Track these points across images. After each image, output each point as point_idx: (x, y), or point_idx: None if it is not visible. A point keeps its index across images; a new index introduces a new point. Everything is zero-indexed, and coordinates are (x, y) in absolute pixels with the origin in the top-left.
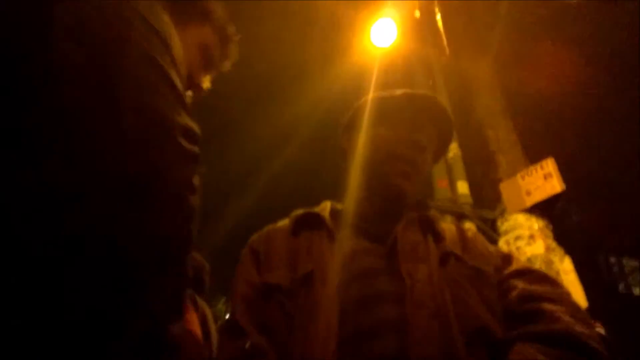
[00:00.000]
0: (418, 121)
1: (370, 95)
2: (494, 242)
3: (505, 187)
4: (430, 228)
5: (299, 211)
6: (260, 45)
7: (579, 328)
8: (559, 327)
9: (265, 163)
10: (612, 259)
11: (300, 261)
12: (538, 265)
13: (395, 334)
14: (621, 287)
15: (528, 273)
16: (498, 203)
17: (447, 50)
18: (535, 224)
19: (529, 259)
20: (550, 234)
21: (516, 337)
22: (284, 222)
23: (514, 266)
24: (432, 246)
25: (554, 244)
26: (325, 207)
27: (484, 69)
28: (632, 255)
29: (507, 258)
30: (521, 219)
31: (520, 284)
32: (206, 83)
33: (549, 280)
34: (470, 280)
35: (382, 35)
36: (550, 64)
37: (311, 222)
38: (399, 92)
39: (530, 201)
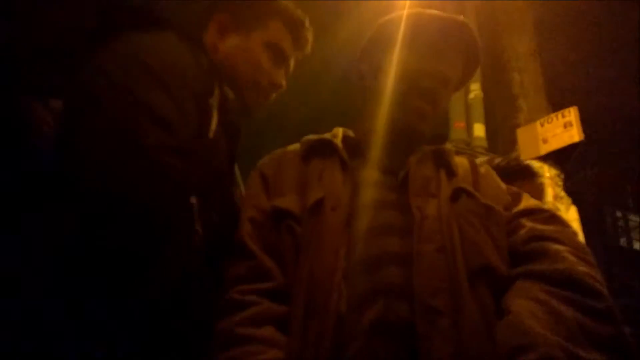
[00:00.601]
0: (446, 49)
1: (396, 14)
2: None
3: (522, 133)
4: (443, 162)
5: (311, 137)
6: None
7: (582, 268)
8: (562, 267)
9: (282, 117)
10: (619, 214)
11: (311, 188)
12: None
13: (401, 265)
14: (623, 240)
15: (537, 212)
16: (513, 148)
17: None
18: (547, 172)
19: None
20: (560, 182)
21: (519, 275)
22: (294, 147)
23: (524, 204)
24: (444, 181)
25: (562, 193)
26: (337, 134)
27: (517, 5)
28: (638, 212)
29: (517, 195)
30: (534, 166)
31: (528, 223)
32: (280, 79)
33: (557, 220)
34: (480, 218)
35: None
36: (586, 13)
37: (323, 149)
38: (427, 13)
39: (545, 149)
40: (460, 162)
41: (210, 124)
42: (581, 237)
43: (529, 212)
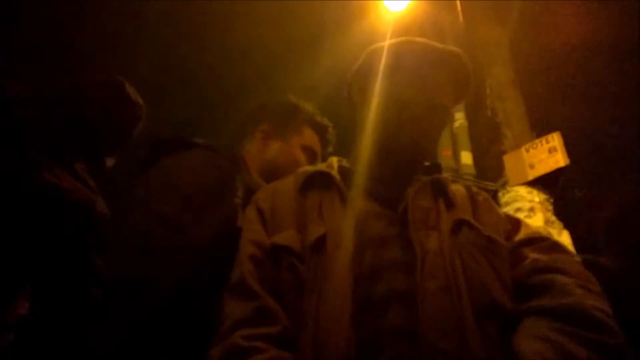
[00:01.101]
0: (439, 78)
1: (387, 42)
2: None
3: (508, 159)
4: (441, 193)
5: (306, 168)
6: (272, 13)
7: (589, 301)
8: (570, 301)
9: None
10: None
11: (310, 223)
12: None
13: (406, 305)
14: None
15: (538, 241)
16: (500, 175)
17: (461, 17)
18: (537, 197)
19: None
20: (550, 207)
21: (526, 311)
22: (288, 179)
23: (524, 232)
24: (443, 212)
25: (553, 218)
26: (332, 165)
27: (497, 38)
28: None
29: (516, 223)
30: (522, 191)
31: (530, 254)
32: None
33: (559, 249)
34: (483, 251)
35: (395, 1)
36: (569, 35)
37: (320, 181)
38: (418, 41)
39: (532, 174)
40: (458, 190)
41: (237, 218)
42: None
43: (530, 242)
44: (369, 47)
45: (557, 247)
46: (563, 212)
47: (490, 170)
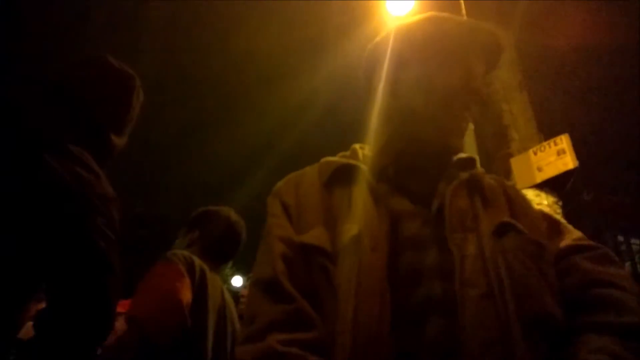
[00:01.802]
0: (473, 59)
1: (411, 20)
2: None
3: (516, 162)
4: (478, 190)
5: (332, 160)
6: (275, 19)
7: None
8: (633, 320)
9: (280, 137)
10: (620, 238)
11: (340, 220)
12: None
13: (446, 315)
14: (627, 265)
15: (588, 249)
16: (508, 178)
17: None
18: (545, 200)
19: None
20: (559, 210)
21: (586, 327)
22: (312, 170)
23: (570, 238)
24: (481, 213)
25: (562, 221)
26: (356, 155)
27: (503, 42)
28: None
29: (555, 224)
30: (531, 194)
31: (582, 264)
32: None
33: (612, 260)
34: (531, 257)
35: (399, 5)
36: (573, 36)
37: (347, 174)
38: (444, 18)
39: (541, 177)
40: (491, 186)
41: None
42: None
43: (580, 249)
44: (389, 26)
45: (609, 257)
46: (572, 216)
47: (498, 174)
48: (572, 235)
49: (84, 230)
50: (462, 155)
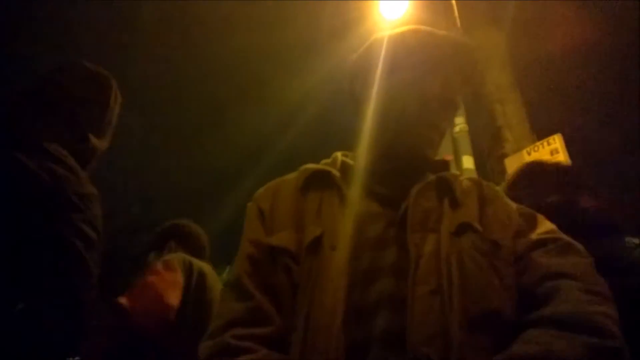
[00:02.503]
0: (450, 72)
1: (389, 32)
2: None
3: (510, 162)
4: (447, 192)
5: (309, 166)
6: (268, 21)
7: (592, 306)
8: (570, 308)
9: (274, 140)
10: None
11: (308, 223)
12: None
13: (396, 310)
14: None
15: (551, 242)
16: (503, 178)
17: (459, 22)
18: None
19: None
20: None
21: (528, 323)
22: (293, 176)
23: (538, 232)
24: (447, 213)
25: (538, 215)
26: (336, 161)
27: (495, 42)
28: (634, 235)
29: (531, 219)
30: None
31: (540, 259)
32: None
33: (572, 249)
34: (487, 255)
35: (392, 9)
36: (564, 37)
37: (321, 180)
38: (421, 30)
39: None
40: (467, 187)
41: None
42: None
43: (542, 243)
44: (371, 37)
45: (568, 248)
46: None
47: (493, 174)
48: (542, 228)
49: (57, 229)
50: (437, 159)
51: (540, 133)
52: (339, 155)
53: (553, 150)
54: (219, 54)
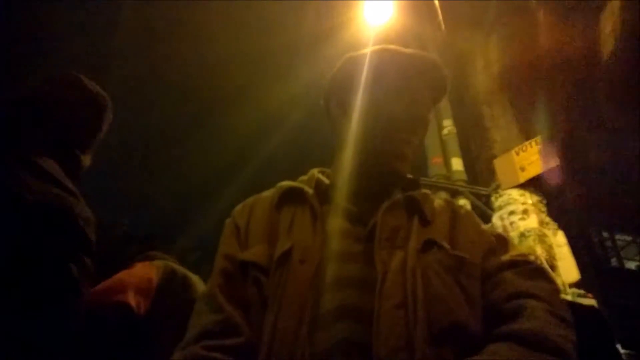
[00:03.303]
0: (421, 90)
1: (362, 52)
2: (488, 217)
3: (499, 163)
4: (416, 210)
5: (284, 184)
6: (251, 26)
7: (554, 328)
8: (533, 326)
9: (258, 144)
10: (605, 234)
11: (280, 238)
12: (532, 239)
13: (361, 322)
14: (613, 261)
15: (521, 264)
16: (492, 179)
17: (443, 27)
18: (529, 199)
19: (522, 234)
20: (544, 208)
21: (493, 337)
22: (269, 193)
23: (510, 254)
24: (415, 231)
25: (547, 219)
26: (311, 180)
27: (480, 43)
28: (624, 231)
29: (503, 242)
30: (515, 194)
31: (510, 277)
32: None
33: (541, 274)
34: (452, 271)
35: (376, 13)
36: (547, 38)
37: (295, 197)
38: (397, 50)
39: (524, 177)
40: (439, 206)
41: None
42: (572, 262)
43: (514, 265)
44: (344, 56)
45: (539, 272)
46: (557, 213)
47: (482, 175)
48: (514, 252)
49: (61, 256)
50: (407, 177)
51: (529, 133)
52: (315, 172)
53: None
54: (201, 59)
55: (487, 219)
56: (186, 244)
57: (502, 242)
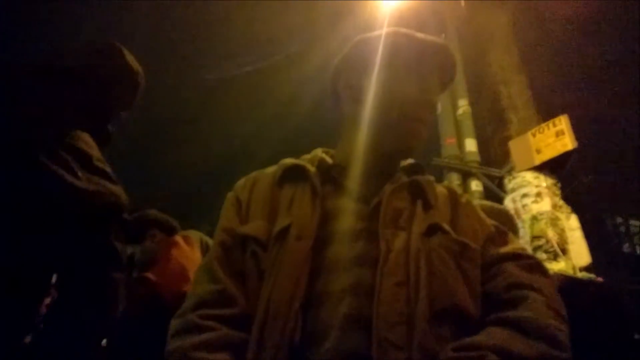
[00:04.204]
0: (429, 75)
1: (374, 33)
2: (500, 200)
3: (514, 145)
4: (420, 195)
5: (287, 161)
6: (267, 7)
7: (552, 320)
8: (531, 315)
9: (272, 127)
10: (619, 219)
11: (280, 215)
12: (544, 222)
13: (361, 297)
14: (626, 246)
15: (522, 258)
16: (506, 161)
17: (463, 3)
18: (544, 182)
19: (534, 217)
20: (558, 192)
21: (491, 321)
22: (272, 170)
23: (510, 247)
24: (419, 214)
25: (561, 202)
26: (314, 158)
27: (500, 22)
28: (638, 217)
29: (503, 234)
30: (529, 176)
31: (511, 269)
32: None
33: (540, 269)
34: (454, 255)
35: None
36: (570, 16)
37: (297, 174)
38: (406, 33)
39: (539, 159)
40: (441, 192)
41: None
42: (584, 246)
43: (515, 257)
44: (354, 39)
45: (539, 267)
46: (571, 197)
47: (496, 157)
48: (514, 245)
49: (106, 232)
50: (411, 161)
51: (546, 115)
52: (319, 151)
53: (559, 131)
54: (216, 41)
55: (499, 201)
56: (198, 220)
57: (501, 233)
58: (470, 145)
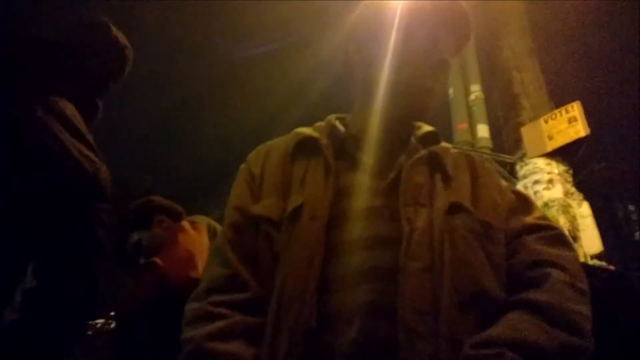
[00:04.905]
0: (442, 34)
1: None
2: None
3: (526, 131)
4: (439, 167)
5: (300, 131)
6: None
7: (574, 304)
8: (554, 300)
9: (286, 109)
10: (631, 207)
11: (292, 192)
12: (555, 209)
13: (385, 281)
14: (637, 234)
15: (544, 229)
16: (518, 147)
17: None
18: (556, 168)
19: (545, 203)
20: (570, 178)
21: (513, 303)
22: (284, 140)
23: (533, 216)
24: (439, 190)
25: (572, 189)
26: (327, 127)
27: (513, 7)
28: None
29: (526, 202)
30: (541, 163)
31: (532, 244)
32: None
33: (563, 241)
34: (478, 236)
35: None
36: (584, 3)
37: (310, 148)
38: None
39: (551, 145)
40: (459, 161)
41: None
42: (596, 233)
43: (537, 228)
44: (363, 2)
45: (561, 239)
46: (583, 184)
47: (508, 143)
48: (535, 214)
49: (85, 215)
50: (427, 129)
51: (559, 101)
52: (332, 118)
53: (571, 118)
54: (234, 23)
55: None
56: (206, 203)
57: (523, 200)
58: (482, 131)
